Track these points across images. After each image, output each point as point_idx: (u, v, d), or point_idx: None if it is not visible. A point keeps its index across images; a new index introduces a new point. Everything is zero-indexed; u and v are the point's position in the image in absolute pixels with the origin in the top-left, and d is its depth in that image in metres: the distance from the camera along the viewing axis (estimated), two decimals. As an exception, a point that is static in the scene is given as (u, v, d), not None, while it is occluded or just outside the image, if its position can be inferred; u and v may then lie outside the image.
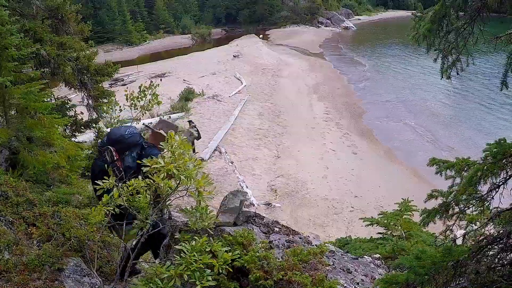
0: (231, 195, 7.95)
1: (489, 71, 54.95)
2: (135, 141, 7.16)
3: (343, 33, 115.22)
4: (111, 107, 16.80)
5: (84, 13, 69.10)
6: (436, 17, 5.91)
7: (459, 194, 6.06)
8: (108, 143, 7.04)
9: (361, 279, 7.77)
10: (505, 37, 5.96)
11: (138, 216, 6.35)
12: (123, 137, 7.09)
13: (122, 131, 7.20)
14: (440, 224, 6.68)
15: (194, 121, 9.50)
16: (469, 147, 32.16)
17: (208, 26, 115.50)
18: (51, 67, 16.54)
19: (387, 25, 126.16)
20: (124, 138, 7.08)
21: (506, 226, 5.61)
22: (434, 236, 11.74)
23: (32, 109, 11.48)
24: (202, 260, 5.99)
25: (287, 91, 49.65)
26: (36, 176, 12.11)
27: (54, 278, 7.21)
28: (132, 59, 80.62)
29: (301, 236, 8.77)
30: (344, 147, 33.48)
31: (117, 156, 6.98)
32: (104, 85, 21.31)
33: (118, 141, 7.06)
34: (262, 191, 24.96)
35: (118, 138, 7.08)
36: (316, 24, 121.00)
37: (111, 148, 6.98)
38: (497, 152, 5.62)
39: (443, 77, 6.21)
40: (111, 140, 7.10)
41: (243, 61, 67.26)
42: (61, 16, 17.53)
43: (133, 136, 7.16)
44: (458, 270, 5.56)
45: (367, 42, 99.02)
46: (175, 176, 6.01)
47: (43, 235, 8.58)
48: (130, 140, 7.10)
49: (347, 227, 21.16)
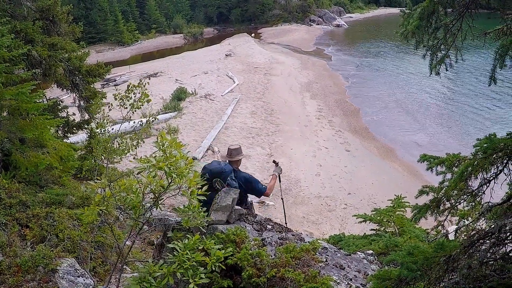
0: (223, 193, 8.01)
1: (482, 66, 55.08)
2: (230, 170, 9.43)
3: (335, 31, 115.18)
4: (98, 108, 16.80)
5: (76, 14, 69.03)
6: (425, 14, 5.92)
7: (450, 190, 6.08)
8: (213, 177, 9.01)
9: (354, 275, 7.78)
10: (494, 33, 5.99)
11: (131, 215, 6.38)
12: (223, 170, 9.30)
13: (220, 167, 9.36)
14: (433, 219, 6.71)
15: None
16: (461, 143, 32.30)
17: (200, 25, 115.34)
18: (42, 68, 16.51)
19: (379, 23, 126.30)
20: (224, 170, 9.29)
21: (497, 221, 5.63)
22: (427, 232, 11.80)
23: (24, 110, 11.45)
24: (195, 258, 6.02)
25: (280, 89, 49.62)
26: (29, 178, 12.06)
27: (48, 279, 7.23)
28: (124, 59, 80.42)
29: (293, 233, 8.80)
30: (337, 144, 33.49)
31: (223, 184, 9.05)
32: (97, 85, 21.30)
33: (220, 173, 9.21)
34: (255, 190, 24.89)
35: (219, 171, 9.23)
36: (308, 22, 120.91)
37: (218, 179, 9.09)
38: (487, 147, 5.65)
39: (432, 73, 6.24)
40: (214, 173, 9.15)
41: (235, 60, 67.17)
42: (52, 17, 17.51)
43: (227, 167, 9.44)
44: (450, 265, 5.58)
45: (359, 39, 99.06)
46: (167, 174, 6.04)
47: (36, 236, 8.60)
48: (227, 170, 9.32)
49: (340, 224, 21.18)
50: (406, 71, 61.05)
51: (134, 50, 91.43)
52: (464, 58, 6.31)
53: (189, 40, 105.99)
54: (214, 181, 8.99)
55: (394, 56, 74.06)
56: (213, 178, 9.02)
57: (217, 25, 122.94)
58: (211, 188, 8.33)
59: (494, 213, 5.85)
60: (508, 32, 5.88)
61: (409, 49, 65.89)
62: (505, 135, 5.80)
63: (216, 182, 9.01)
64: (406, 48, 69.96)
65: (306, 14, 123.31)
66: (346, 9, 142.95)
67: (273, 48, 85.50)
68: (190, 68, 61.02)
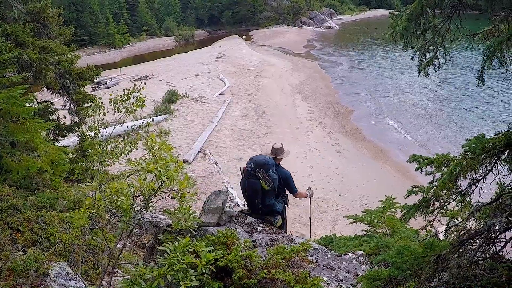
0: (214, 195, 8.04)
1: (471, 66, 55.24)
2: (272, 164, 10.25)
3: (326, 32, 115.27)
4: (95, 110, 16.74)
5: (67, 17, 69.09)
6: (413, 15, 5.95)
7: (439, 190, 6.11)
8: (256, 167, 9.94)
9: (345, 275, 7.81)
10: (482, 34, 6.03)
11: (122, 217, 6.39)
12: (266, 162, 10.10)
13: (264, 159, 10.20)
14: (423, 219, 6.74)
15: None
16: (451, 143, 32.40)
17: (191, 28, 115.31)
18: (33, 71, 16.46)
19: (370, 24, 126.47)
20: (267, 163, 10.09)
21: (486, 220, 5.65)
22: (417, 232, 11.85)
23: (14, 113, 11.41)
24: (186, 260, 6.03)
25: (271, 91, 49.62)
26: (20, 181, 12.04)
27: (40, 283, 7.22)
28: (115, 61, 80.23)
29: (284, 235, 8.83)
30: (328, 146, 33.54)
31: (265, 174, 9.92)
32: (87, 88, 21.25)
33: (263, 165, 10.01)
34: (247, 192, 24.91)
35: (263, 163, 10.04)
36: (299, 24, 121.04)
37: (261, 169, 9.90)
38: (476, 147, 5.68)
39: (421, 74, 6.27)
40: (259, 164, 10.00)
41: (226, 62, 67.07)
42: (43, 19, 17.49)
43: (270, 161, 10.27)
44: (440, 264, 5.60)
45: (349, 41, 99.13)
46: (157, 177, 6.05)
47: (28, 240, 8.59)
48: (270, 163, 10.14)
49: (332, 226, 21.22)
50: (397, 72, 61.26)
51: (125, 52, 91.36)
52: (453, 59, 6.33)
53: (180, 43, 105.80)
54: (258, 171, 9.92)
55: (385, 58, 74.23)
56: (257, 168, 9.97)
57: (208, 27, 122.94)
58: (255, 176, 9.91)
59: (483, 213, 5.86)
60: (496, 33, 5.92)
61: (399, 51, 66.02)
62: (494, 135, 5.83)
63: (259, 172, 9.91)
64: (396, 49, 70.07)
65: (297, 16, 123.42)
66: (337, 11, 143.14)
67: (264, 50, 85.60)
68: (181, 71, 60.93)
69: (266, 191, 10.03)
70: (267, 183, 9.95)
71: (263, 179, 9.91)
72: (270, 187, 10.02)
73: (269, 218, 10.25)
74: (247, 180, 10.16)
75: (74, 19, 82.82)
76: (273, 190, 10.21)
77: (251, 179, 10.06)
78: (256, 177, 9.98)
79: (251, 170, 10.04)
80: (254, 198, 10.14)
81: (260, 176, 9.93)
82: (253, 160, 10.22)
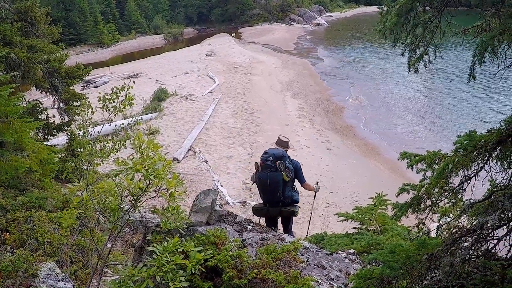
0: (203, 194, 7.95)
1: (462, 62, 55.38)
2: (287, 156, 10.88)
3: (315, 29, 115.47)
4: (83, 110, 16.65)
5: (55, 15, 68.91)
6: (403, 11, 5.90)
7: (431, 187, 6.06)
8: (276, 160, 10.51)
9: (336, 274, 7.75)
10: (472, 30, 5.98)
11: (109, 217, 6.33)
12: (283, 154, 10.73)
13: (281, 152, 10.82)
14: (415, 217, 6.69)
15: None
16: (442, 140, 32.43)
17: (180, 26, 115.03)
18: (21, 71, 16.36)
19: (359, 21, 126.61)
20: (284, 155, 10.72)
21: (479, 218, 5.61)
22: (408, 229, 11.81)
23: (2, 113, 11.33)
24: (175, 260, 5.96)
25: (260, 89, 49.62)
26: (8, 181, 11.97)
27: (29, 284, 7.17)
28: (105, 60, 79.96)
29: (274, 234, 8.77)
30: (318, 143, 33.58)
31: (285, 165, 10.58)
32: (76, 87, 21.16)
33: (281, 157, 10.62)
34: (237, 190, 24.95)
35: (281, 155, 10.64)
36: (288, 21, 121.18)
37: (281, 161, 10.50)
38: (467, 144, 5.63)
39: (411, 70, 6.21)
40: (278, 157, 10.58)
41: (215, 60, 67.04)
42: (31, 18, 17.40)
43: (285, 153, 10.89)
44: (432, 263, 5.55)
45: (339, 38, 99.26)
46: (144, 177, 5.99)
47: (16, 241, 8.52)
48: (285, 155, 10.80)
49: (322, 223, 21.17)
50: (387, 68, 61.49)
51: (114, 51, 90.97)
52: (443, 55, 6.29)
53: (170, 41, 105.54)
54: (279, 164, 10.47)
55: (375, 54, 74.50)
56: (277, 161, 10.51)
57: (197, 25, 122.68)
58: (276, 169, 10.48)
59: (475, 210, 5.82)
60: (487, 28, 5.87)
61: (389, 47, 66.13)
62: (486, 132, 5.79)
63: (280, 164, 10.46)
64: (386, 45, 70.20)
65: (286, 14, 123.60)
66: (326, 8, 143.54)
67: (253, 47, 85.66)
68: (171, 69, 60.90)
69: (286, 182, 10.62)
70: (288, 174, 10.59)
71: (284, 171, 10.51)
72: (290, 178, 10.68)
73: (290, 209, 11.07)
74: (269, 173, 10.59)
75: (63, 17, 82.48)
76: (292, 181, 10.93)
77: (273, 172, 10.55)
78: (278, 170, 10.50)
79: (271, 163, 10.54)
80: (276, 191, 10.63)
81: (282, 168, 10.50)
82: (270, 154, 10.73)
